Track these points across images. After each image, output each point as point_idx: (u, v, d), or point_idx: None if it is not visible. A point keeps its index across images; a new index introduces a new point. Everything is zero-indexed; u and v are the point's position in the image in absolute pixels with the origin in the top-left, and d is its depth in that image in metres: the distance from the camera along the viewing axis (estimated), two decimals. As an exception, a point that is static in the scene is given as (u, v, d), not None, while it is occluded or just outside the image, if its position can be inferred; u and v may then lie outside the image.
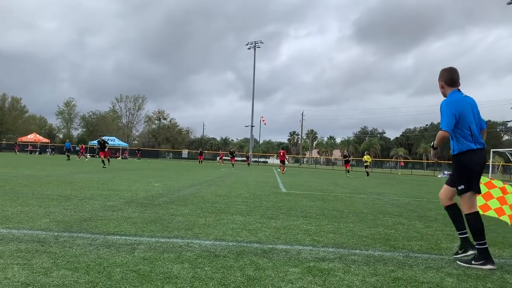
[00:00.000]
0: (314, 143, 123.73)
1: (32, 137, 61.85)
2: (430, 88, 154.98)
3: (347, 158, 30.16)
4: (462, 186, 3.98)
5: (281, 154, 28.79)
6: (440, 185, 22.70)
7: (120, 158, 56.28)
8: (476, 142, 4.02)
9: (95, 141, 63.58)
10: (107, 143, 23.70)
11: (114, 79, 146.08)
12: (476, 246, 3.93)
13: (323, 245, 4.42)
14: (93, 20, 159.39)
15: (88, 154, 46.05)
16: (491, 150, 38.92)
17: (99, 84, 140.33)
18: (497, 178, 36.26)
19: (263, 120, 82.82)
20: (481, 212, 4.62)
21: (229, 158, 43.00)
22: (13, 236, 4.02)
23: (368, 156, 32.20)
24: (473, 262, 3.87)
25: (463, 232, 4.17)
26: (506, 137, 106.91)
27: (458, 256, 4.14)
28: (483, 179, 4.79)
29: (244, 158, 58.69)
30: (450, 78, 4.19)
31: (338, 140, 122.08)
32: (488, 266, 3.78)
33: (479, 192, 4.08)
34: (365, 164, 31.55)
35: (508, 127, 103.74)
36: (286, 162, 30.35)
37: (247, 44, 71.71)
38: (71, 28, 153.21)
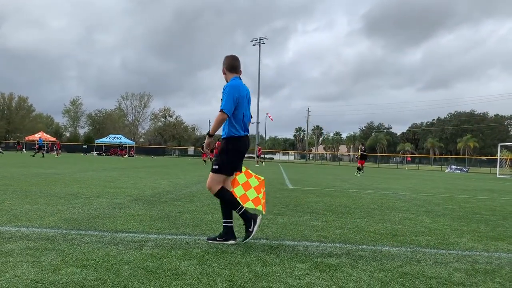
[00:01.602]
0: (320, 139, 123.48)
1: (39, 135, 62.25)
2: (439, 82, 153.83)
3: (364, 153, 24.07)
4: (217, 166, 4.15)
5: (216, 146, 25.11)
6: (447, 180, 22.35)
7: (126, 156, 56.51)
8: (245, 129, 4.25)
9: (103, 139, 64.18)
10: None
11: (122, 76, 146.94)
12: (224, 224, 4.14)
13: (330, 241, 4.41)
14: (101, 17, 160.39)
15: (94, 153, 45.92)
16: (499, 144, 38.63)
17: (107, 82, 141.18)
18: (505, 172, 35.98)
19: (269, 116, 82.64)
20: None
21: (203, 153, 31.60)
22: (22, 234, 4.05)
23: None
24: (217, 238, 4.11)
25: (230, 221, 4.16)
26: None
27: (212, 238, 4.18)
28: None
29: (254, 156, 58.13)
30: (231, 64, 4.34)
31: (344, 136, 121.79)
32: (230, 242, 4.05)
33: (230, 175, 4.25)
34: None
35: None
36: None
37: (252, 41, 71.49)
38: (80, 26, 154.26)
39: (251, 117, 4.46)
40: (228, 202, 4.14)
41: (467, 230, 5.55)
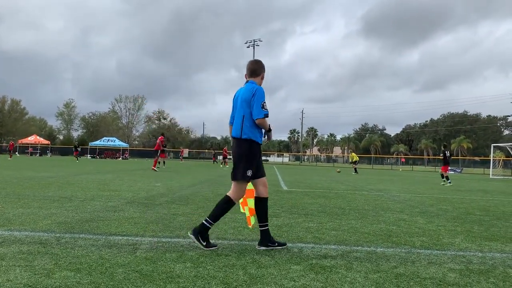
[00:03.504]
0: (315, 140, 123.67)
1: (32, 139, 61.90)
2: (436, 83, 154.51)
3: (447, 157, 18.13)
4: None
5: (159, 141, 21.93)
6: (441, 180, 22.37)
7: (120, 158, 56.29)
8: (233, 132, 4.16)
9: (97, 142, 63.89)
10: None
11: (117, 79, 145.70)
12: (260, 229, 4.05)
13: (325, 243, 4.41)
14: (97, 19, 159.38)
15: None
16: (492, 145, 38.91)
17: (102, 84, 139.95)
18: (498, 172, 36.22)
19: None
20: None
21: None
22: (15, 238, 4.02)
23: (354, 154, 31.79)
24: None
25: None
26: (506, 132, 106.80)
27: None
28: None
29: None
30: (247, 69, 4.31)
31: (338, 137, 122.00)
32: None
33: (232, 178, 4.14)
34: (354, 161, 31.09)
35: (509, 122, 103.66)
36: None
37: (246, 43, 71.47)
38: (76, 27, 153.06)
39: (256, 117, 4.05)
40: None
41: (461, 230, 5.57)
